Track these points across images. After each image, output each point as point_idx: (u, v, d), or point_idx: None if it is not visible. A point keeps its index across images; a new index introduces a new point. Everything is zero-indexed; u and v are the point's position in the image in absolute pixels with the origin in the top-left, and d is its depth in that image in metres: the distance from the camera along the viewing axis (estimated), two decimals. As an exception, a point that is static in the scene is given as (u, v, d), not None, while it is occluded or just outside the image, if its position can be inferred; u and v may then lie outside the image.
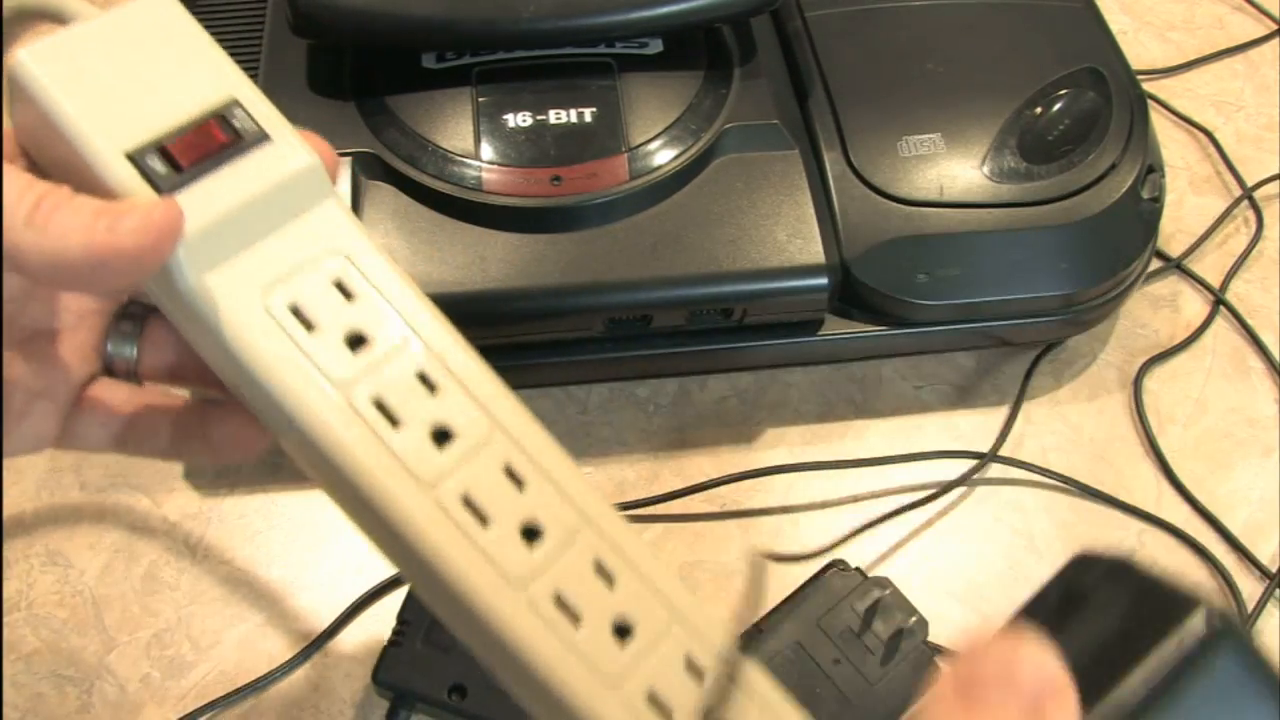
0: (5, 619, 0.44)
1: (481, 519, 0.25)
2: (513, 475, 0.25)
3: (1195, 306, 0.55)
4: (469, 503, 0.25)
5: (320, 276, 0.26)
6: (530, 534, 0.25)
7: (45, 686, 0.42)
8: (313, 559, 0.45)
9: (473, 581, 0.24)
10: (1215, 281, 0.55)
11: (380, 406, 0.25)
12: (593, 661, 0.24)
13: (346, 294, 0.26)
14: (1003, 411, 0.51)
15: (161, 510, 0.46)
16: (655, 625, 0.25)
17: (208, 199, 0.24)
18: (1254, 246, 0.57)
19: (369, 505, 0.25)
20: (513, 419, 0.26)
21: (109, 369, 0.29)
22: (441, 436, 0.25)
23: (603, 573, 0.25)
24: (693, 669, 0.25)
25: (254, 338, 0.25)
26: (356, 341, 0.25)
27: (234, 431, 0.28)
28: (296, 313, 0.25)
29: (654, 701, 0.24)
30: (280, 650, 0.43)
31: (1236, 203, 0.58)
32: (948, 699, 0.19)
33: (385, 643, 0.40)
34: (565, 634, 0.24)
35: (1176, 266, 0.55)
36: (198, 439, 0.29)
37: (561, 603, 0.24)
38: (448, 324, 0.27)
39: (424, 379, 0.26)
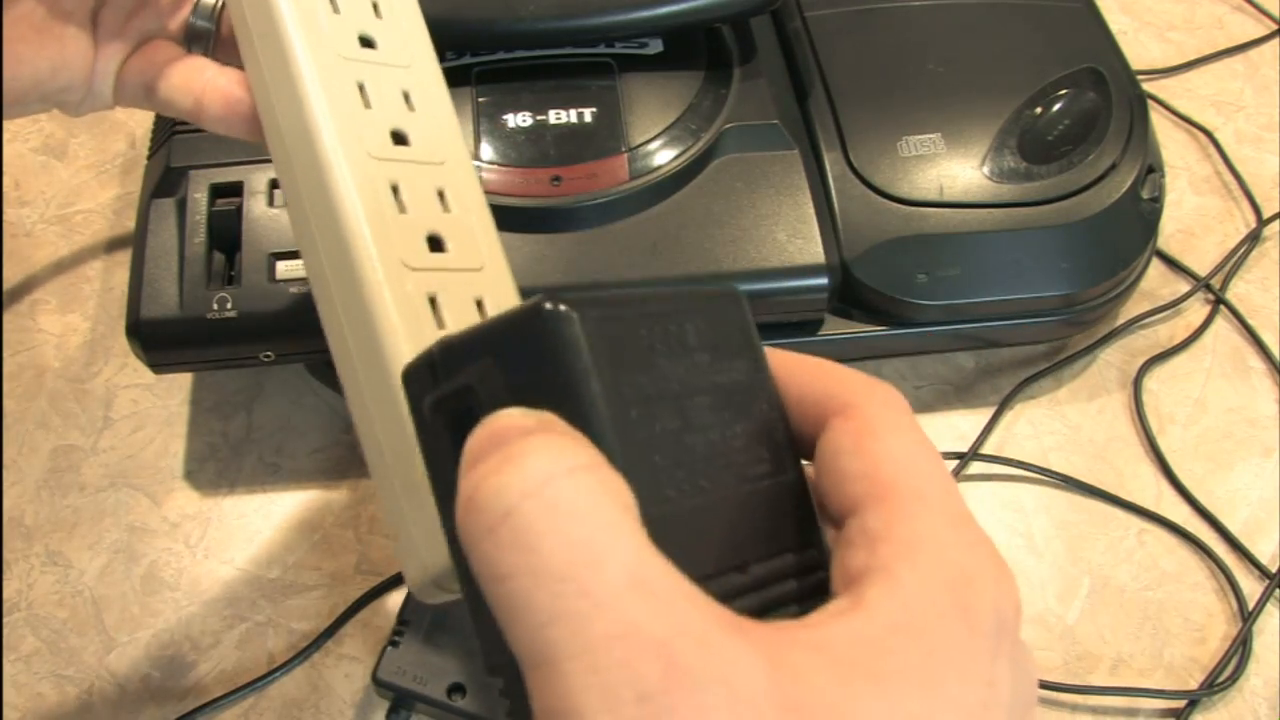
0: (5, 619, 0.44)
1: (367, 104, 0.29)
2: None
3: (1195, 306, 0.55)
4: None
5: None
6: (399, 139, 0.29)
7: (45, 686, 0.42)
8: (313, 559, 0.45)
9: (337, 134, 0.27)
10: (1216, 282, 0.55)
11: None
12: (397, 239, 0.27)
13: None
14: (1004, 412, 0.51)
15: (161, 510, 0.46)
16: (467, 257, 0.28)
17: None
18: (1254, 246, 0.57)
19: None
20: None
21: (190, 32, 0.34)
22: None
23: (442, 198, 0.29)
24: (481, 310, 0.27)
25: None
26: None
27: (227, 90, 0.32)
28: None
29: (434, 303, 0.26)
30: (280, 650, 0.43)
31: (1254, 234, 0.58)
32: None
33: (385, 643, 0.40)
34: (388, 208, 0.27)
35: (1205, 286, 0.55)
36: (244, 118, 0.32)
37: (396, 191, 0.28)
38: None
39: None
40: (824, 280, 0.44)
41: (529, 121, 0.45)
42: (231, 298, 0.42)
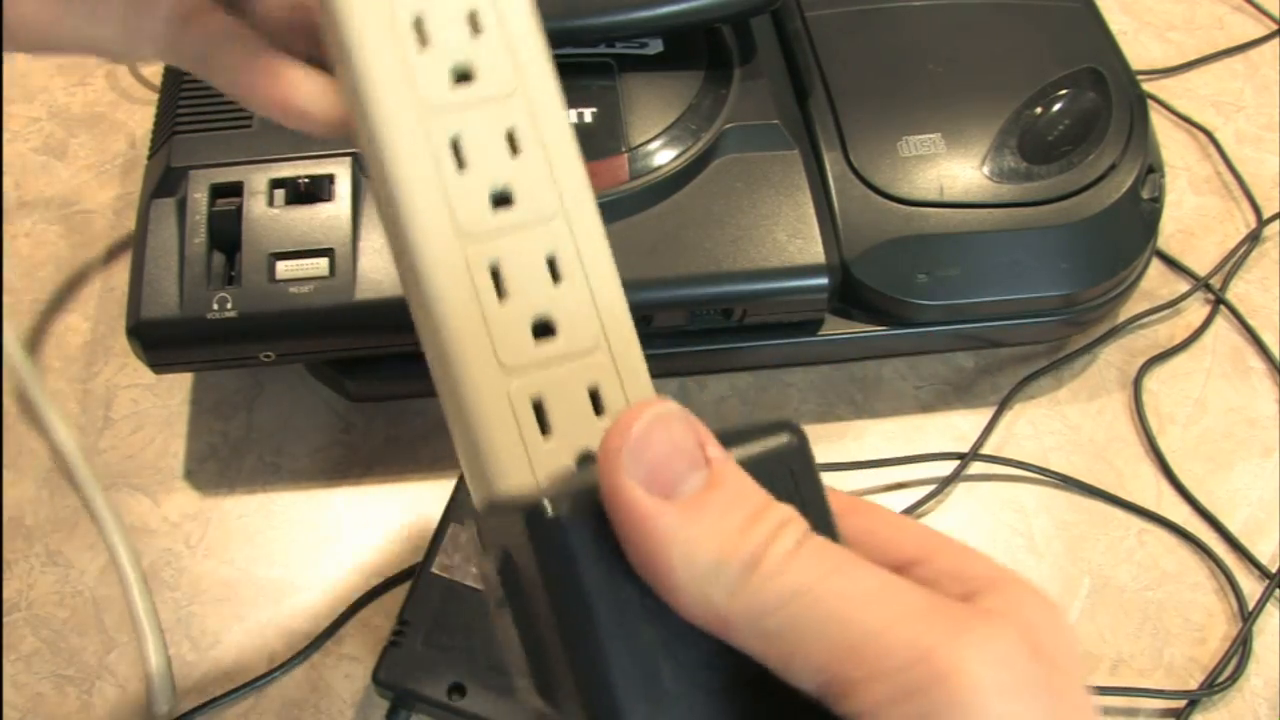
0: (5, 619, 0.44)
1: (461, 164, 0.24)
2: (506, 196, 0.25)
3: (1195, 306, 0.55)
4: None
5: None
6: (501, 199, 0.24)
7: (45, 686, 0.42)
8: (313, 559, 0.45)
9: (422, 217, 0.23)
10: (1216, 282, 0.55)
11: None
12: (495, 336, 0.23)
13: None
14: (1004, 412, 0.51)
15: (161, 510, 0.46)
16: (580, 337, 0.24)
17: None
18: (1254, 246, 0.57)
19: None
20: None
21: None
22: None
23: (553, 266, 0.24)
24: (595, 401, 0.24)
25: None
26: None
27: (314, 94, 0.28)
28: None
29: (539, 409, 0.23)
30: (280, 650, 0.43)
31: (1254, 234, 0.58)
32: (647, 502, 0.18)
33: (385, 643, 0.40)
34: (486, 300, 0.23)
35: (1205, 286, 0.55)
36: (276, 94, 0.28)
37: (496, 273, 0.24)
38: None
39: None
40: (824, 280, 0.44)
41: (529, 121, 0.45)
42: (231, 298, 0.42)
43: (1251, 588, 0.46)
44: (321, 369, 0.48)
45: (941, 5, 0.52)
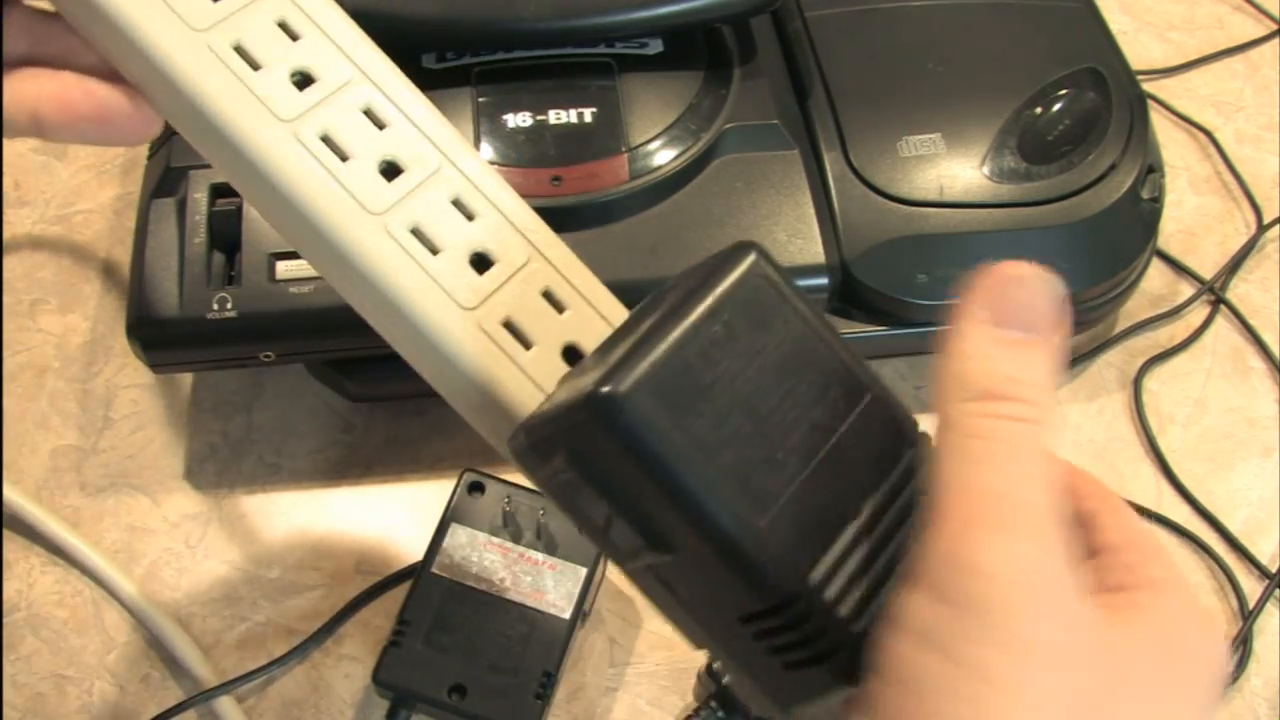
0: (5, 619, 0.44)
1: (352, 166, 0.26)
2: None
3: (1195, 306, 0.55)
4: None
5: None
6: (391, 171, 0.26)
7: (45, 686, 0.42)
8: (312, 559, 0.45)
9: (330, 211, 0.25)
10: (1216, 282, 0.55)
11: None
12: (449, 289, 0.25)
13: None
14: (1003, 411, 0.51)
15: (161, 510, 0.46)
16: (513, 255, 0.26)
17: None
18: (1254, 246, 0.57)
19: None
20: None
21: None
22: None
23: (460, 206, 0.26)
24: (552, 301, 0.26)
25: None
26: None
27: (128, 110, 0.27)
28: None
29: (510, 328, 0.25)
30: (280, 650, 0.43)
31: (1254, 235, 0.58)
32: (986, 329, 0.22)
33: (385, 643, 0.40)
34: (422, 259, 0.25)
35: (1210, 289, 0.55)
36: (88, 119, 0.28)
37: (419, 233, 0.26)
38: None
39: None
40: (824, 280, 0.44)
41: (529, 121, 0.45)
42: (231, 298, 0.42)
43: (1251, 587, 0.46)
44: (321, 369, 0.48)
45: (941, 5, 0.52)
